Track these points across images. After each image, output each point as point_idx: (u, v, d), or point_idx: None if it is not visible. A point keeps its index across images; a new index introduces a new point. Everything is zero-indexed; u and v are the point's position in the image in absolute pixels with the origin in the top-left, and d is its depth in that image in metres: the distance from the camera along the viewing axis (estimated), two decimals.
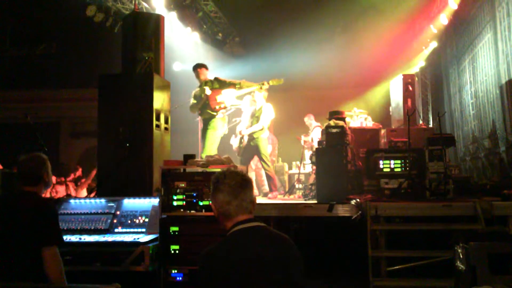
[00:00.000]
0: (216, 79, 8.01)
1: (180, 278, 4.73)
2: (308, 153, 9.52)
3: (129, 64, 6.50)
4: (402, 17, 11.72)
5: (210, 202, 2.64)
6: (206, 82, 7.96)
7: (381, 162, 6.39)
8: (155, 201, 5.14)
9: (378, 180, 6.46)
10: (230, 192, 2.50)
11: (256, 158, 8.40)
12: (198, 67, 8.11)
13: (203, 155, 7.21)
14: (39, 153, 3.72)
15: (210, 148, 7.62)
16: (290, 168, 10.59)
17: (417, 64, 13.58)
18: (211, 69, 8.42)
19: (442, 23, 11.25)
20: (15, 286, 2.71)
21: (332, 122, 6.77)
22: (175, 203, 4.88)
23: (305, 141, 9.91)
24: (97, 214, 5.15)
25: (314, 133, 9.82)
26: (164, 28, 6.97)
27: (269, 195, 7.83)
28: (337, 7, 11.65)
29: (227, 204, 2.50)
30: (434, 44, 12.72)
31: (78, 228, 5.01)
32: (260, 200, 7.24)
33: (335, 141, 6.31)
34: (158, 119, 6.21)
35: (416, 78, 9.99)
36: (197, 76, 8.10)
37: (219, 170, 2.93)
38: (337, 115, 7.57)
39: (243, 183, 2.55)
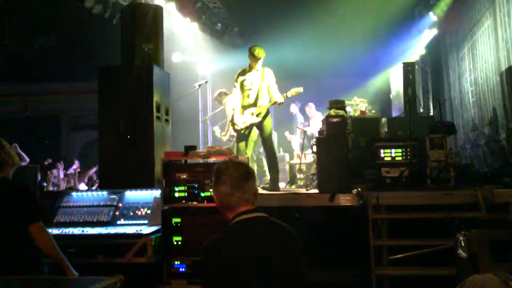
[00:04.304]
0: None
1: (183, 269, 4.75)
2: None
3: (128, 56, 6.48)
4: (401, 4, 11.67)
5: (212, 192, 2.61)
6: None
7: (382, 151, 6.37)
8: (157, 193, 5.15)
9: (379, 169, 6.45)
10: (232, 184, 2.46)
11: (256, 149, 8.35)
12: None
13: None
14: None
15: None
16: (291, 158, 10.58)
17: (417, 52, 13.54)
18: (211, 60, 8.36)
19: (441, 10, 11.19)
20: (16, 281, 2.72)
21: (332, 112, 6.75)
22: (176, 195, 4.89)
23: (304, 131, 9.89)
24: (99, 206, 5.16)
25: (314, 122, 9.82)
26: (163, 19, 6.94)
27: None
28: None
29: (229, 196, 2.46)
30: (434, 32, 12.67)
31: (81, 220, 5.02)
32: (261, 190, 7.22)
33: (336, 131, 6.30)
34: (158, 110, 6.20)
35: (416, 66, 9.95)
36: None
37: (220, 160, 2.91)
38: (337, 104, 7.55)
39: (246, 175, 2.51)
